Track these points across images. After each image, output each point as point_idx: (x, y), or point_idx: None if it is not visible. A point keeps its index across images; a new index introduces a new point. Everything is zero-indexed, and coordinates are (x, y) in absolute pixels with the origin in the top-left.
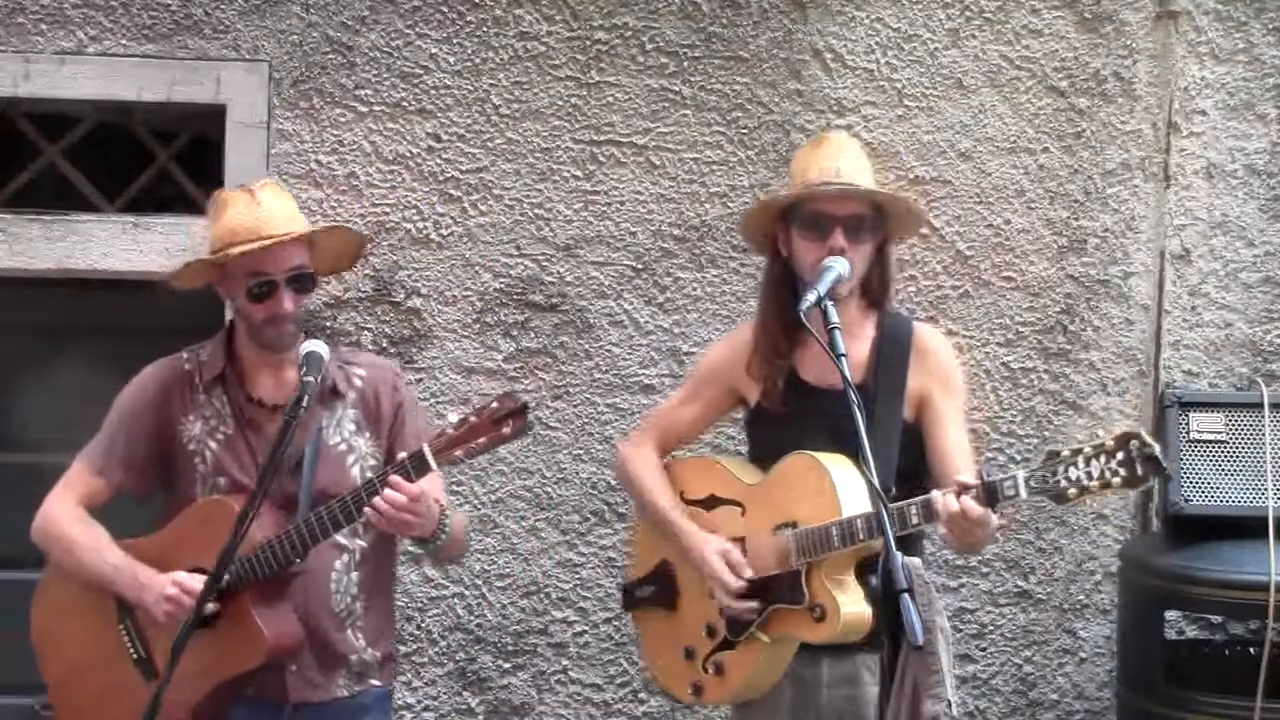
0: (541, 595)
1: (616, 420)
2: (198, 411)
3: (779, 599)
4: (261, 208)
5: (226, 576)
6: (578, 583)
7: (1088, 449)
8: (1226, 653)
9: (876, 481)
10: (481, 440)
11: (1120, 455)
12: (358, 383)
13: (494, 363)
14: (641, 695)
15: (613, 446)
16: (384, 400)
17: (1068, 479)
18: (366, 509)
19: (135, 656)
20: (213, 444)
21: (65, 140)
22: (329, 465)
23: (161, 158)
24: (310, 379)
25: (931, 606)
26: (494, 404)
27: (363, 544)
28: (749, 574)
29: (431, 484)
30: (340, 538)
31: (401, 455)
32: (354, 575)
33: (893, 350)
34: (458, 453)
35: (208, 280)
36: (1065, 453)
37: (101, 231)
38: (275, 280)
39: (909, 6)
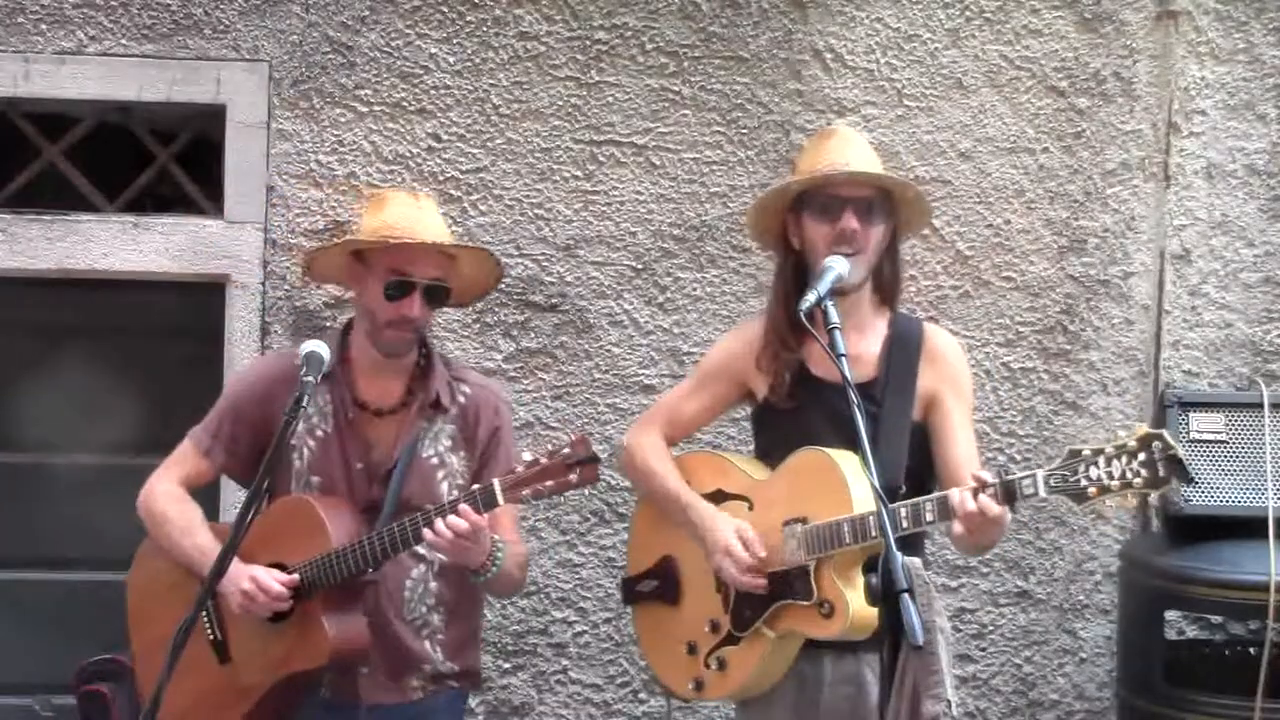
0: (541, 595)
1: (616, 420)
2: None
3: (786, 594)
4: (423, 212)
5: (298, 576)
6: (578, 583)
7: (1109, 449)
8: (1226, 653)
9: (876, 478)
10: (549, 483)
11: (1142, 456)
12: (461, 400)
13: (494, 363)
14: (641, 695)
15: (613, 446)
16: (483, 423)
17: (1088, 478)
18: (425, 531)
19: (213, 638)
20: (311, 442)
21: (65, 140)
22: (418, 476)
23: (161, 158)
24: (310, 379)
25: (931, 606)
26: (566, 449)
27: (443, 557)
28: (762, 553)
29: (509, 516)
30: (420, 548)
31: (474, 487)
32: (431, 586)
33: (903, 349)
34: (525, 492)
35: (340, 272)
36: (1086, 452)
37: (101, 231)
38: (414, 282)
39: (909, 6)
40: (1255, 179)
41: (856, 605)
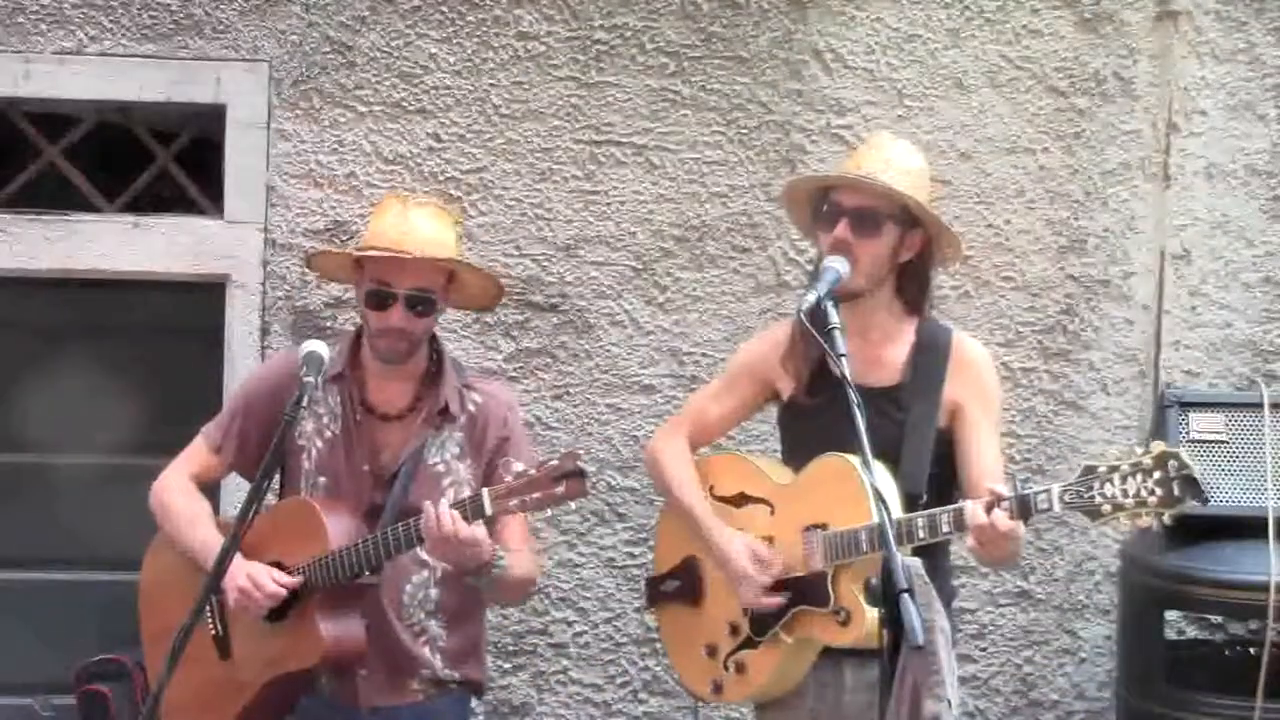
0: (541, 595)
1: (616, 420)
2: (311, 409)
3: (804, 601)
4: (407, 222)
5: (301, 578)
6: (578, 583)
7: (1125, 466)
8: (1226, 653)
9: (874, 479)
10: (537, 495)
11: (1157, 474)
12: (471, 408)
13: (494, 363)
14: (641, 695)
15: (613, 447)
16: (490, 432)
17: (1103, 495)
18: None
19: (215, 633)
20: (319, 443)
21: (65, 140)
22: (422, 483)
23: (161, 158)
24: (309, 379)
25: (931, 606)
26: (554, 461)
27: (446, 565)
28: (776, 570)
29: (519, 523)
30: (422, 552)
31: (462, 497)
32: (431, 592)
33: (930, 356)
34: (513, 503)
35: (347, 273)
36: (1102, 469)
37: (101, 232)
38: (394, 293)
39: (909, 6)
40: (1255, 179)
41: (874, 614)
